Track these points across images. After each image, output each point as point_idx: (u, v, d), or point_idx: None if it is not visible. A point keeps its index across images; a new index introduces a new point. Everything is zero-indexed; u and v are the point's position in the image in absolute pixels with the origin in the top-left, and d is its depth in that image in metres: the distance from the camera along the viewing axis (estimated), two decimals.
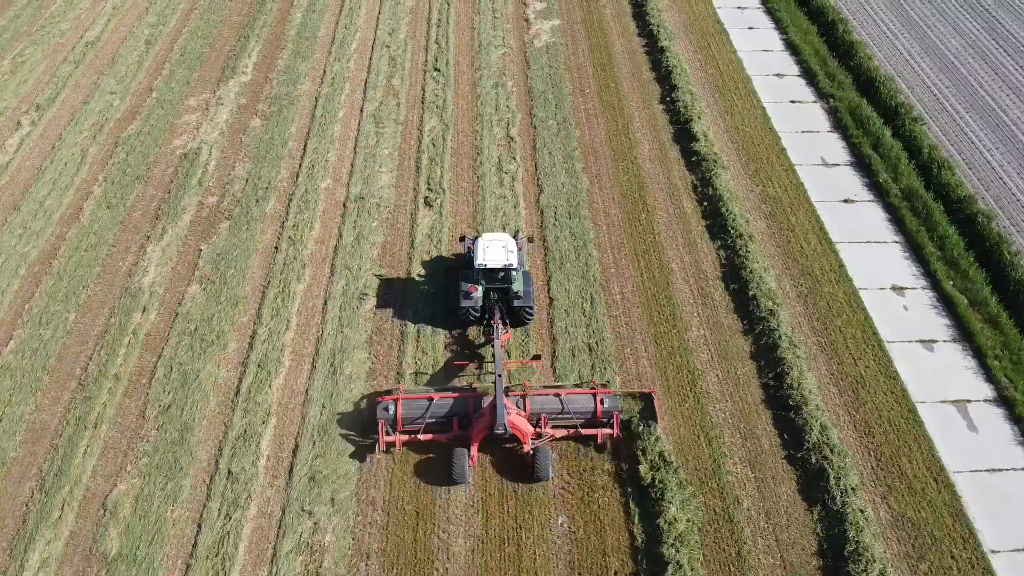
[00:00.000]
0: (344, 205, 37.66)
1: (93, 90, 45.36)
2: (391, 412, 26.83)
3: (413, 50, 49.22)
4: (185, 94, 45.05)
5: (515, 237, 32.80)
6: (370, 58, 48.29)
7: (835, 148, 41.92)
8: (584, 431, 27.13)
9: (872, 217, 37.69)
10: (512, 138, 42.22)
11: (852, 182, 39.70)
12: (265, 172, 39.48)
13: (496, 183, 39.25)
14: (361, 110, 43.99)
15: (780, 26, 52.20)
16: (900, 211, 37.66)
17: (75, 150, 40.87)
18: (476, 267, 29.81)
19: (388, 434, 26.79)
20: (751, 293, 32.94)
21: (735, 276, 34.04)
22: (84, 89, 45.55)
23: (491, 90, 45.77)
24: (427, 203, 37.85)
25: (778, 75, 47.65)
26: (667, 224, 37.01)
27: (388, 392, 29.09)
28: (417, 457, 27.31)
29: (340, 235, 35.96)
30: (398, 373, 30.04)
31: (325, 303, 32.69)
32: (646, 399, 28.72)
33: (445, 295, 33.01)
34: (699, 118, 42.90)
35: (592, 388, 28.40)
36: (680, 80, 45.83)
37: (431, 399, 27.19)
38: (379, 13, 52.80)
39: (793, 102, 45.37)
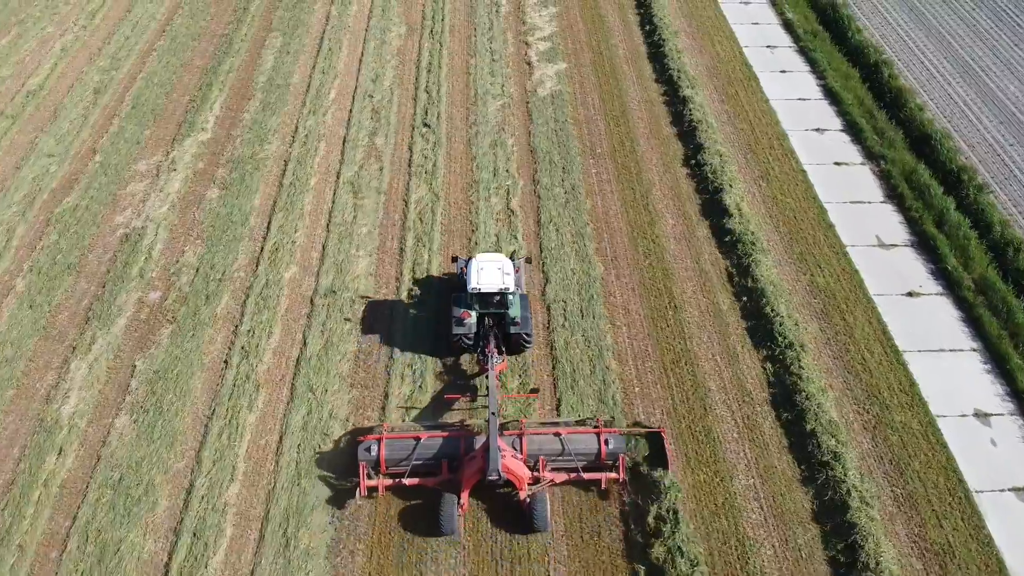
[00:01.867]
0: (311, 301, 31.52)
1: (29, 151, 39.22)
2: (373, 453, 24.46)
3: (400, 100, 43.11)
4: (134, 156, 38.91)
5: (511, 258, 29.92)
6: (350, 111, 42.18)
7: (891, 224, 35.76)
8: (586, 475, 24.78)
9: (942, 316, 31.54)
10: (512, 211, 36.09)
11: (915, 269, 33.55)
12: (220, 258, 33.33)
13: None
14: (337, 176, 37.85)
15: (817, 69, 46.08)
16: (975, 308, 31.53)
17: (0, 230, 34.74)
18: (469, 291, 27.47)
19: (370, 477, 24.49)
20: (809, 426, 26.78)
21: (787, 400, 27.89)
22: (19, 150, 39.40)
23: (488, 150, 39.67)
24: (412, 298, 31.73)
25: (818, 130, 41.54)
26: (700, 325, 30.87)
27: (370, 431, 26.33)
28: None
29: (305, 343, 29.82)
30: (382, 409, 27.68)
31: (280, 441, 26.52)
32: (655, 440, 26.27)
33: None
34: (731, 186, 36.77)
35: (596, 426, 25.89)
36: (706, 137, 39.73)
37: (418, 439, 24.83)
38: (362, 55, 46.69)
39: (838, 164, 39.26)
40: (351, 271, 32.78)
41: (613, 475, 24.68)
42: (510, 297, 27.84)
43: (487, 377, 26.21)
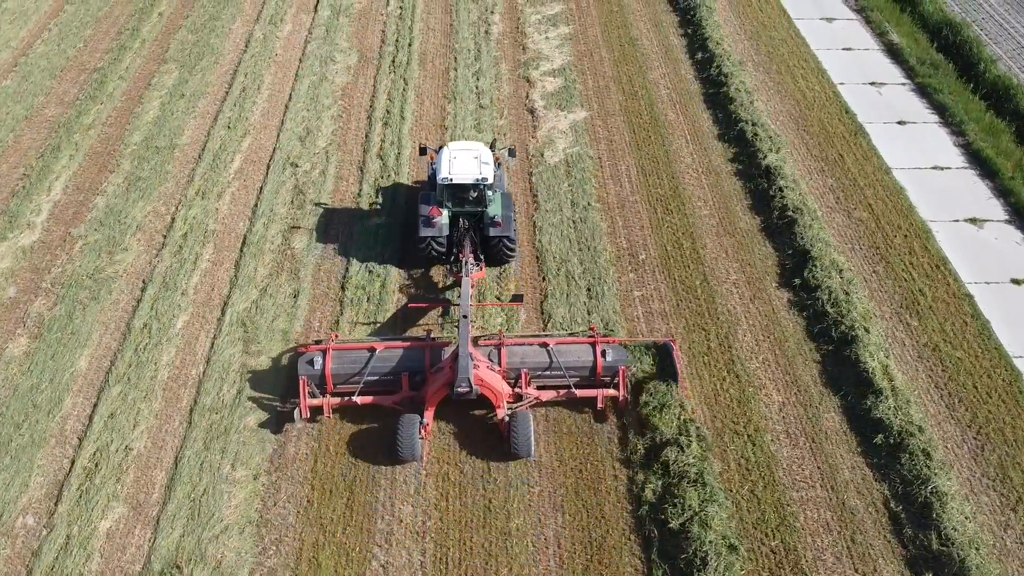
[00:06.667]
0: None
1: None
2: (317, 367, 20.07)
3: (338, 171, 28.85)
4: None
5: (491, 147, 25.24)
6: (260, 189, 27.92)
7: None
8: (579, 392, 20.42)
9: None
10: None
11: None
12: None
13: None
14: (223, 310, 23.53)
15: (949, 120, 31.81)
16: None
17: None
18: (439, 183, 23.16)
19: (313, 396, 20.01)
20: None
21: None
22: None
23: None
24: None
25: (974, 221, 27.30)
26: None
27: (318, 343, 21.26)
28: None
29: None
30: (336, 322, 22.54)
31: None
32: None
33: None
34: (865, 329, 22.48)
35: (591, 336, 21.36)
36: (811, 237, 25.46)
37: (373, 349, 20.54)
38: (289, 99, 32.34)
39: (1017, 282, 25.03)
40: (216, 516, 18.40)
41: (612, 392, 20.62)
42: (489, 193, 23.44)
43: (460, 284, 22.22)
